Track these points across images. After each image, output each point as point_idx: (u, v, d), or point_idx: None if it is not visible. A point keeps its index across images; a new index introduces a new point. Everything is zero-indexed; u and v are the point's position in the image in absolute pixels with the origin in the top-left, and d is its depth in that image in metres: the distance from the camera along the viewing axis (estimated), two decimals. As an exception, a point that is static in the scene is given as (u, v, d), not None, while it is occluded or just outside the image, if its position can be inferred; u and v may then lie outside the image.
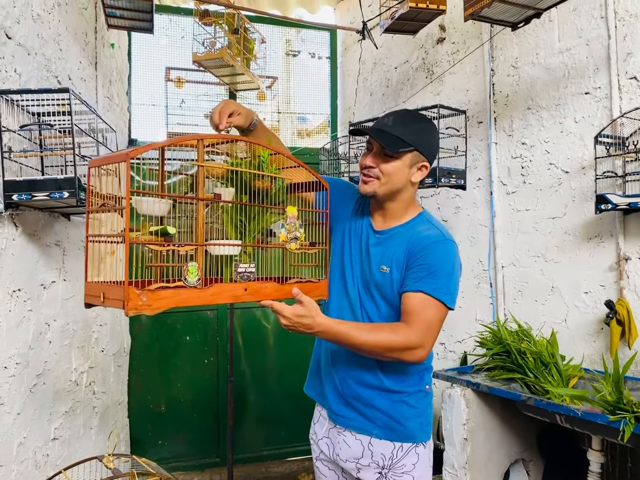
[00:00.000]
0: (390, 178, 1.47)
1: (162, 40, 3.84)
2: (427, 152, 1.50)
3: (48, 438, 2.10)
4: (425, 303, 1.40)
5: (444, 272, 1.43)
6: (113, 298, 1.11)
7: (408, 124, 1.48)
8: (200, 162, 1.21)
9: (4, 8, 1.74)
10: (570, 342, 2.45)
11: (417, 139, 1.46)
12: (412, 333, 1.38)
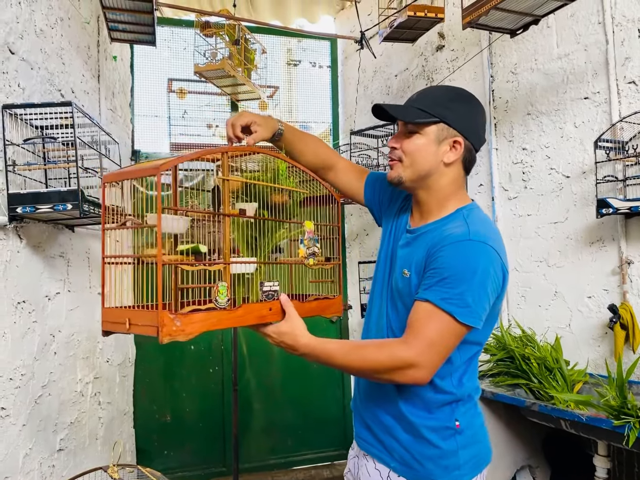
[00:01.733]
0: (413, 157, 1.26)
1: (164, 52, 3.88)
2: (459, 124, 1.25)
3: (54, 449, 2.11)
4: (430, 315, 1.16)
5: (459, 278, 1.15)
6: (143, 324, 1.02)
7: (434, 95, 1.28)
8: (225, 175, 1.16)
9: (7, 24, 1.77)
10: (575, 347, 2.44)
11: (443, 108, 1.24)
12: (403, 350, 1.15)
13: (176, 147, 3.96)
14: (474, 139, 1.28)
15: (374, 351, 1.17)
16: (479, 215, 1.28)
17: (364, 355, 1.17)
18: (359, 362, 1.17)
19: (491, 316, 1.26)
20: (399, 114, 1.26)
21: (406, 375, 1.15)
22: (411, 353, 1.14)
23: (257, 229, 1.21)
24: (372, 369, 1.17)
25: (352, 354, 1.18)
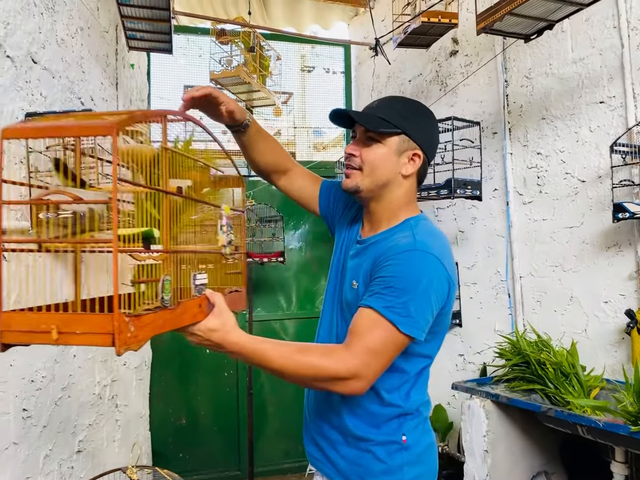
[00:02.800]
0: (373, 167, 1.22)
1: (180, 59, 3.94)
2: (419, 137, 1.24)
3: (73, 450, 2.14)
4: (373, 323, 1.10)
5: (403, 288, 1.11)
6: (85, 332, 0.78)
7: (395, 105, 1.26)
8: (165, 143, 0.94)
9: (30, 34, 1.81)
10: (591, 352, 2.42)
11: (404, 120, 1.22)
12: (347, 359, 1.08)
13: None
14: (430, 153, 1.29)
15: (318, 357, 1.08)
16: (427, 226, 1.26)
17: (305, 360, 1.07)
18: (298, 367, 1.07)
19: (440, 329, 1.23)
20: (364, 121, 1.22)
21: (347, 385, 1.08)
22: (356, 362, 1.07)
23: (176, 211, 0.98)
24: (313, 376, 1.08)
25: (291, 357, 1.07)
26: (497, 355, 2.53)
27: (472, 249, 3.12)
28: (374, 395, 1.21)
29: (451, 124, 2.63)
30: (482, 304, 3.03)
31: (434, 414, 3.14)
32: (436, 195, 2.69)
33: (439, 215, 3.39)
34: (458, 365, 3.17)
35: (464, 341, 3.12)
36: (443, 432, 3.07)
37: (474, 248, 3.11)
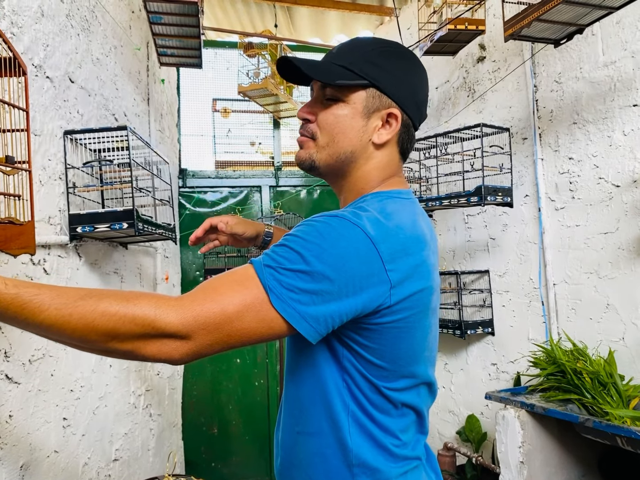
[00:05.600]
0: (332, 134, 0.91)
1: (208, 73, 4.01)
2: (395, 90, 0.91)
3: (109, 459, 2.19)
4: (237, 277, 0.79)
5: (290, 239, 0.80)
6: None
7: (359, 47, 0.92)
8: None
9: (67, 55, 1.88)
10: (630, 361, 2.36)
11: (372, 67, 0.90)
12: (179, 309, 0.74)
13: (221, 165, 4.07)
14: (413, 111, 0.94)
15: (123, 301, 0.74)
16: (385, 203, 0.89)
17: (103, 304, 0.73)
18: (90, 314, 0.72)
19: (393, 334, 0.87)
20: (314, 72, 0.89)
21: (164, 348, 0.75)
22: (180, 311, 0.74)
23: None
24: (111, 329, 0.73)
25: (84, 302, 0.73)
26: (532, 364, 2.48)
27: (504, 256, 3.08)
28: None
29: (480, 131, 2.61)
30: (514, 312, 2.98)
31: (468, 423, 3.10)
32: (466, 202, 2.67)
33: (469, 223, 3.36)
34: (491, 374, 3.12)
35: (497, 350, 3.08)
36: (477, 443, 3.03)
37: (505, 255, 3.07)
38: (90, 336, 0.73)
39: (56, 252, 1.75)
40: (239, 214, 3.68)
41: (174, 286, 3.50)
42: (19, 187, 1.06)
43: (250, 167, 4.11)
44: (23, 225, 1.02)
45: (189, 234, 3.73)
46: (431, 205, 2.85)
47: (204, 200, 3.92)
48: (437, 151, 2.86)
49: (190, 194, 3.88)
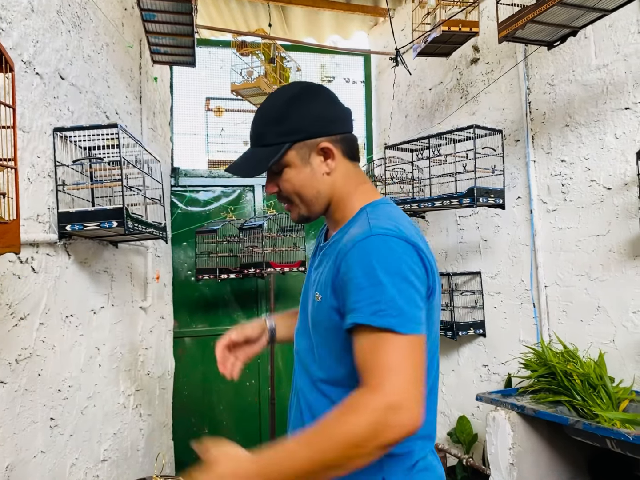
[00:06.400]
0: (298, 193, 1.09)
1: (202, 71, 4.00)
2: (311, 130, 1.05)
3: (98, 459, 2.17)
4: (371, 340, 0.89)
5: (378, 282, 0.90)
6: None
7: (264, 122, 1.08)
8: None
9: (58, 51, 1.86)
10: (620, 364, 2.37)
11: (284, 127, 1.05)
12: (374, 396, 0.84)
13: (214, 164, 4.05)
14: (336, 128, 1.07)
15: (339, 420, 0.85)
16: (386, 210, 1.06)
17: (330, 434, 0.84)
18: (331, 444, 0.83)
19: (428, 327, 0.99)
20: (250, 172, 1.07)
21: (399, 424, 0.83)
22: (386, 395, 0.84)
23: None
24: (353, 443, 0.82)
25: (316, 439, 0.85)
26: (522, 366, 2.49)
27: (496, 258, 3.08)
28: None
29: (473, 132, 2.61)
30: (506, 313, 2.99)
31: (459, 425, 3.10)
32: (458, 204, 2.67)
33: (461, 224, 3.36)
34: (482, 376, 3.13)
35: (488, 352, 3.08)
36: (467, 444, 3.03)
37: (497, 257, 3.08)
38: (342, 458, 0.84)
39: (45, 251, 1.73)
40: (232, 213, 3.66)
41: (165, 285, 3.48)
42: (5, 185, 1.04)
43: None
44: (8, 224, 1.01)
45: (181, 233, 3.73)
46: (423, 206, 2.85)
47: (196, 200, 3.90)
48: (430, 152, 2.86)
49: (183, 192, 3.86)
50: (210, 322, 3.83)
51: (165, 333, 3.41)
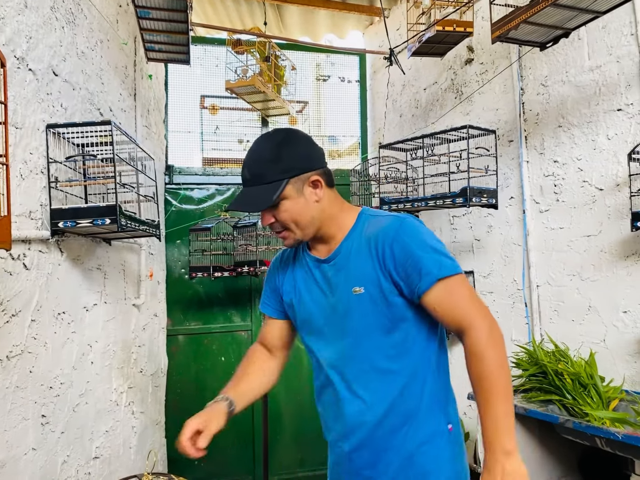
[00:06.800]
0: (294, 221, 1.27)
1: (197, 69, 3.99)
2: (302, 166, 1.25)
3: (89, 456, 2.17)
4: (450, 288, 1.18)
5: (427, 247, 1.20)
6: None
7: (261, 163, 1.25)
8: None
9: (51, 48, 1.86)
10: (610, 363, 2.39)
11: (280, 167, 1.23)
12: (481, 328, 1.15)
13: (208, 162, 4.05)
14: (318, 163, 1.29)
15: (489, 365, 1.15)
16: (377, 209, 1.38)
17: (493, 377, 1.13)
18: (501, 380, 1.14)
19: None
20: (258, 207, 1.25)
21: (495, 334, 1.17)
22: (482, 322, 1.16)
23: None
24: (504, 364, 1.16)
25: (491, 391, 1.13)
26: (514, 365, 2.50)
27: (488, 258, 3.10)
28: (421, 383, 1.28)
29: (467, 133, 2.62)
30: (498, 313, 3.00)
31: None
32: (452, 203, 2.68)
33: (454, 224, 3.37)
34: (474, 374, 3.14)
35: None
36: (459, 443, 3.04)
37: (489, 257, 3.09)
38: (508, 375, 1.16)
39: (37, 247, 1.73)
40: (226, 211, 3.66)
41: (159, 283, 3.47)
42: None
43: (238, 164, 4.09)
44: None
45: (175, 230, 3.73)
46: (417, 205, 2.86)
47: (191, 197, 3.89)
48: (424, 152, 2.87)
49: (177, 190, 3.85)
50: (203, 320, 3.82)
51: (158, 331, 3.40)
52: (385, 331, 1.25)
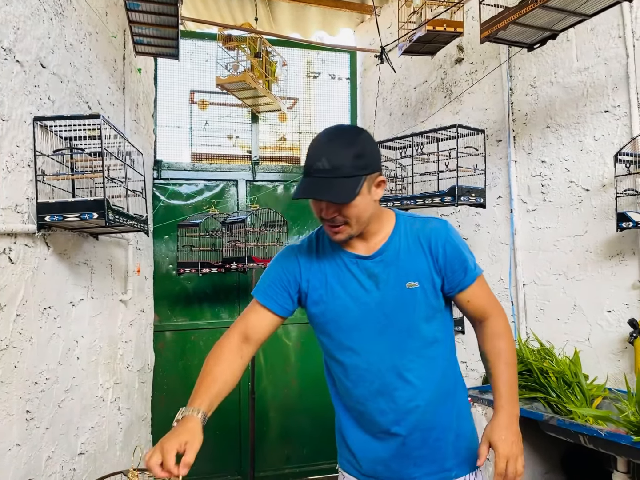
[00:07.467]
0: (359, 217, 1.28)
1: (186, 64, 3.96)
2: (376, 166, 1.29)
3: (75, 452, 2.15)
4: (481, 285, 1.40)
5: (466, 248, 1.41)
6: None
7: (345, 155, 1.22)
8: None
9: (39, 40, 1.83)
10: (594, 361, 2.42)
11: (362, 163, 1.24)
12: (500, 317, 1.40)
13: (197, 157, 4.03)
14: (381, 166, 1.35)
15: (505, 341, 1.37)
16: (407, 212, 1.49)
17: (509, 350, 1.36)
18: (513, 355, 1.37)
19: None
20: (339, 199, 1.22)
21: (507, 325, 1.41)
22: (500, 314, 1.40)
23: None
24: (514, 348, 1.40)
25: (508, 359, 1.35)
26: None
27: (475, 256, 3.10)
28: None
29: (456, 132, 2.64)
30: (485, 311, 3.03)
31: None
32: (440, 202, 2.69)
33: (442, 222, 3.38)
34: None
35: (467, 348, 3.12)
36: (445, 440, 3.06)
37: (477, 255, 3.09)
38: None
39: (23, 241, 1.71)
40: (214, 207, 3.65)
41: (146, 279, 3.45)
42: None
43: (227, 160, 4.08)
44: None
45: (163, 226, 3.70)
46: (406, 204, 2.87)
47: (179, 193, 3.87)
48: (413, 151, 2.88)
49: (165, 185, 3.83)
50: (191, 316, 3.81)
51: (145, 326, 3.38)
52: (427, 321, 1.37)
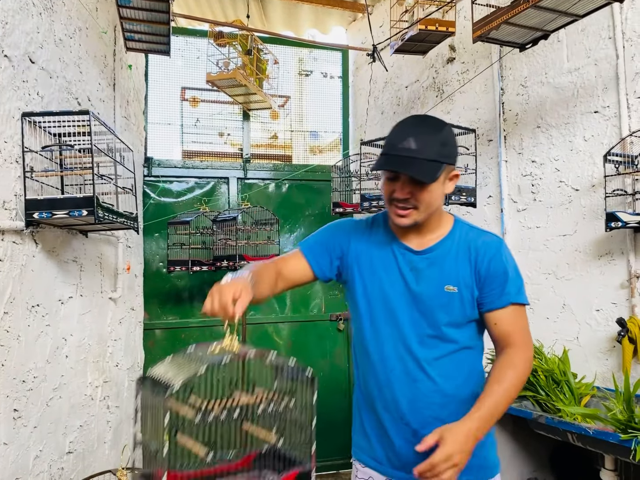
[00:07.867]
0: (429, 204, 1.30)
1: (177, 61, 3.94)
2: (455, 159, 1.34)
3: (63, 451, 2.14)
4: (516, 313, 1.33)
5: (515, 272, 1.35)
6: None
7: (431, 140, 1.26)
8: None
9: (28, 34, 1.81)
10: (583, 360, 2.44)
11: (445, 152, 1.28)
12: (524, 352, 1.32)
13: (188, 155, 4.01)
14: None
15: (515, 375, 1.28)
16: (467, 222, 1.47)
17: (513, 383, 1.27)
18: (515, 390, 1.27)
19: None
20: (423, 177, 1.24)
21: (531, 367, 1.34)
22: (528, 349, 1.33)
23: None
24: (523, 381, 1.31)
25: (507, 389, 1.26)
26: (489, 361, 2.53)
27: (466, 255, 3.13)
28: None
29: (447, 131, 2.64)
30: (475, 310, 3.04)
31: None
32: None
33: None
34: (450, 370, 3.18)
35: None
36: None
37: (467, 254, 3.12)
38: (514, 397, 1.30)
39: (10, 238, 1.69)
40: (205, 205, 3.63)
41: (136, 277, 3.43)
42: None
43: (218, 158, 4.06)
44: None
45: (154, 223, 3.68)
46: (397, 202, 2.87)
47: (170, 190, 3.85)
48: (405, 149, 2.88)
49: (156, 183, 3.80)
50: (181, 314, 3.79)
51: (135, 325, 3.36)
52: (458, 327, 1.37)
